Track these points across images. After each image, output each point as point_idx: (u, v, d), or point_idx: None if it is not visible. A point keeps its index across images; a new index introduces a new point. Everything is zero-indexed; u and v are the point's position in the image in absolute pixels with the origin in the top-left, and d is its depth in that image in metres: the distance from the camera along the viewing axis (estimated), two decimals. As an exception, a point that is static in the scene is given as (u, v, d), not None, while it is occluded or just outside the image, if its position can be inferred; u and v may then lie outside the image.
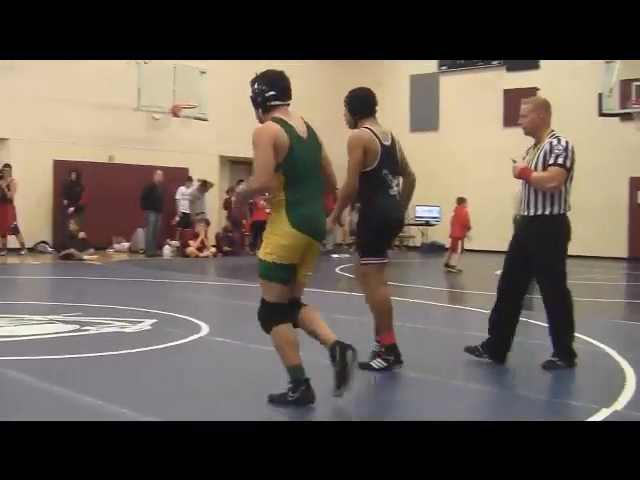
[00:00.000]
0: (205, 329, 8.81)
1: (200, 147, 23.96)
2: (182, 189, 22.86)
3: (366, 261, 6.96)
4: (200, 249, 21.41)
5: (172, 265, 18.76)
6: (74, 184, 20.75)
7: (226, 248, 22.36)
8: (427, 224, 26.37)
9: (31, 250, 20.45)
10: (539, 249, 7.02)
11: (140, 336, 8.37)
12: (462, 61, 25.74)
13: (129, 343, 7.91)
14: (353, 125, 7.03)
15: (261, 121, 5.74)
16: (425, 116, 27.14)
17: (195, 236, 21.61)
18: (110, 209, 21.43)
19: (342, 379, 5.48)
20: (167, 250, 21.56)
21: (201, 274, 17.40)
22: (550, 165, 6.93)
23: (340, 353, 5.47)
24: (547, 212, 7.00)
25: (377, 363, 6.91)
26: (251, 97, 5.79)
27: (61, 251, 19.44)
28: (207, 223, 22.15)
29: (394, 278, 17.28)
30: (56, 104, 20.89)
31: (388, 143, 6.94)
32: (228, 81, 22.81)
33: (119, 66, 20.16)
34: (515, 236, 7.39)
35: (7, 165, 20.05)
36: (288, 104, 5.76)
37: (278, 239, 5.54)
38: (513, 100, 21.74)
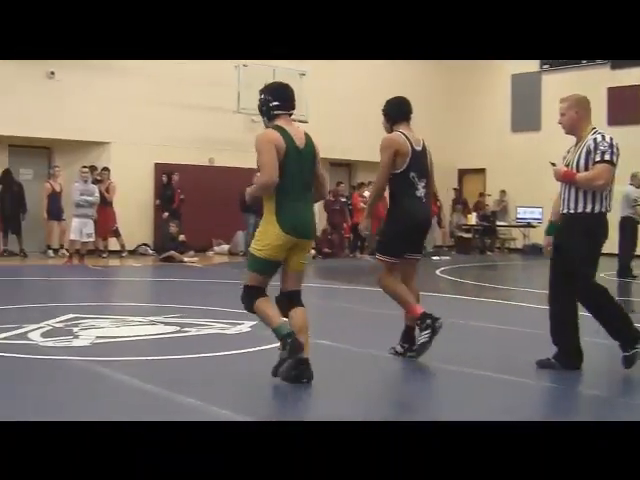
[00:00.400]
0: (304, 331, 8.75)
1: (300, 149, 23.93)
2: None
3: (380, 257, 7.41)
4: (299, 251, 21.37)
5: (271, 267, 18.75)
6: (166, 187, 21.02)
7: (326, 250, 22.34)
8: (529, 225, 25.96)
9: (132, 252, 20.75)
10: (573, 244, 6.76)
11: (240, 338, 8.39)
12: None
13: (229, 345, 7.94)
14: (389, 130, 7.43)
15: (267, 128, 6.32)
16: (527, 116, 26.71)
17: (294, 239, 21.59)
18: (210, 212, 21.60)
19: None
20: (266, 252, 21.57)
21: (300, 276, 17.35)
22: (596, 162, 6.69)
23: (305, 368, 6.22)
24: (588, 210, 6.77)
25: (424, 337, 7.08)
26: (258, 106, 6.41)
27: (162, 253, 19.69)
28: (306, 226, 22.14)
29: (495, 280, 17.07)
30: (156, 107, 21.15)
31: (419, 148, 7.32)
32: (328, 82, 22.84)
33: (219, 69, 20.37)
34: (555, 238, 7.12)
35: (105, 168, 20.31)
36: (291, 113, 6.39)
37: (270, 240, 6.18)
38: (617, 98, 21.34)
